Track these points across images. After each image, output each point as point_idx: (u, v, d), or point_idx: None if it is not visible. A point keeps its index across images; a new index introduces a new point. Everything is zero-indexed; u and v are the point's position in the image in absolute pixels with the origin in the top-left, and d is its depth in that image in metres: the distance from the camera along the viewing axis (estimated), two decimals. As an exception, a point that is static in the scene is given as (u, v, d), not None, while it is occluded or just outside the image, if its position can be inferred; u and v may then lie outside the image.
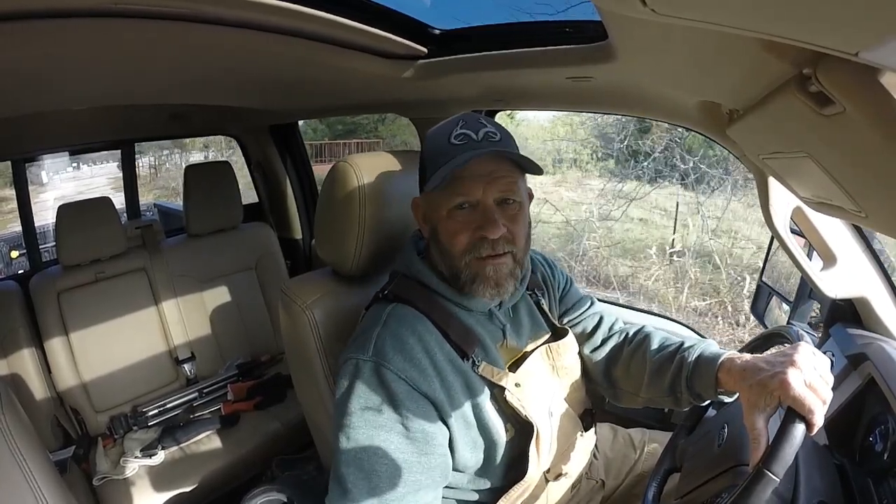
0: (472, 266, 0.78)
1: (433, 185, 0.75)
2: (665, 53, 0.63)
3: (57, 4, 0.66)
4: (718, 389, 0.76)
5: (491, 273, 0.78)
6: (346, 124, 10.07)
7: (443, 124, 0.83)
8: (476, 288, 0.79)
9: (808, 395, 0.61)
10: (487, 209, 0.77)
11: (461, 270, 0.79)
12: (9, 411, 0.86)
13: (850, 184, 0.49)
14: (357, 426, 0.71)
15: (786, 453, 0.58)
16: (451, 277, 0.81)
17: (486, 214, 0.77)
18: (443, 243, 0.80)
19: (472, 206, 0.78)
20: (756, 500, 0.57)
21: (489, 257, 0.78)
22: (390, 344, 0.75)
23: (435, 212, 0.81)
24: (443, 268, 0.82)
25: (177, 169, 9.55)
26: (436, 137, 0.82)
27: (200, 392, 1.78)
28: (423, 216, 0.86)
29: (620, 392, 0.95)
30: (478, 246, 0.77)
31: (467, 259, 0.78)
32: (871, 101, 0.36)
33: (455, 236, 0.78)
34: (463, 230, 0.78)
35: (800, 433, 0.59)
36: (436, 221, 0.81)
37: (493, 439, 0.79)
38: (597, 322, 1.00)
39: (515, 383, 0.80)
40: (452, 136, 0.78)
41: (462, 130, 0.78)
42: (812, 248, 0.98)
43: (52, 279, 1.64)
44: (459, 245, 0.78)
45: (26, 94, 1.15)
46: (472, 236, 0.77)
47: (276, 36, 0.85)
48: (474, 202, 0.78)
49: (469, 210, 0.78)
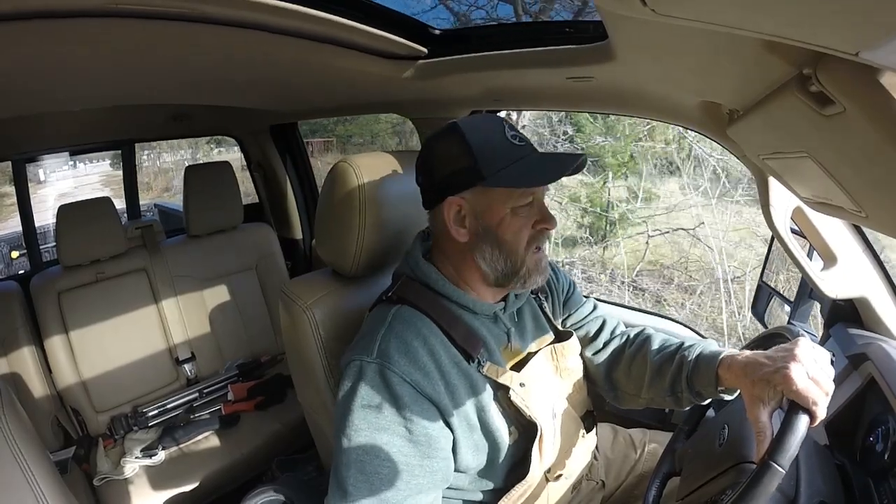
0: (530, 261, 0.81)
1: (514, 182, 0.76)
2: (665, 54, 0.62)
3: (57, 4, 0.66)
4: (719, 387, 0.77)
5: (545, 264, 0.84)
6: (310, 124, 10.21)
7: (480, 120, 0.83)
8: (532, 280, 0.82)
9: (812, 388, 0.61)
10: (543, 205, 0.82)
11: (522, 265, 0.80)
12: (9, 411, 0.86)
13: (850, 184, 0.49)
14: (359, 428, 0.71)
15: (791, 445, 0.58)
16: (503, 275, 0.81)
17: (543, 210, 0.81)
18: (506, 241, 0.79)
19: (530, 204, 0.80)
20: (763, 493, 0.57)
21: (541, 250, 0.82)
22: (395, 346, 0.75)
23: (495, 209, 0.79)
24: (496, 265, 0.80)
25: (156, 167, 9.78)
26: (484, 134, 0.79)
27: (201, 392, 1.78)
28: (466, 215, 0.80)
29: (622, 394, 0.96)
30: (538, 239, 0.81)
31: (529, 254, 0.80)
32: (871, 101, 0.36)
33: (521, 232, 0.79)
34: (527, 226, 0.80)
35: (804, 425, 0.60)
36: (495, 219, 0.79)
37: (496, 442, 0.78)
38: (599, 326, 1.00)
39: (520, 383, 0.80)
40: (507, 135, 0.79)
41: (513, 132, 0.80)
42: (812, 248, 0.98)
43: (53, 279, 1.64)
44: (524, 240, 0.80)
45: (26, 94, 1.15)
46: (534, 230, 0.80)
47: (277, 36, 0.85)
48: (535, 199, 0.81)
49: (529, 207, 0.80)
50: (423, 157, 0.83)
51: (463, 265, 0.82)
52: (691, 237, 4.98)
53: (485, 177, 0.76)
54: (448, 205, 0.80)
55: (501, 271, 0.80)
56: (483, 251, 0.80)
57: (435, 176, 0.81)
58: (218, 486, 1.56)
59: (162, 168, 10.29)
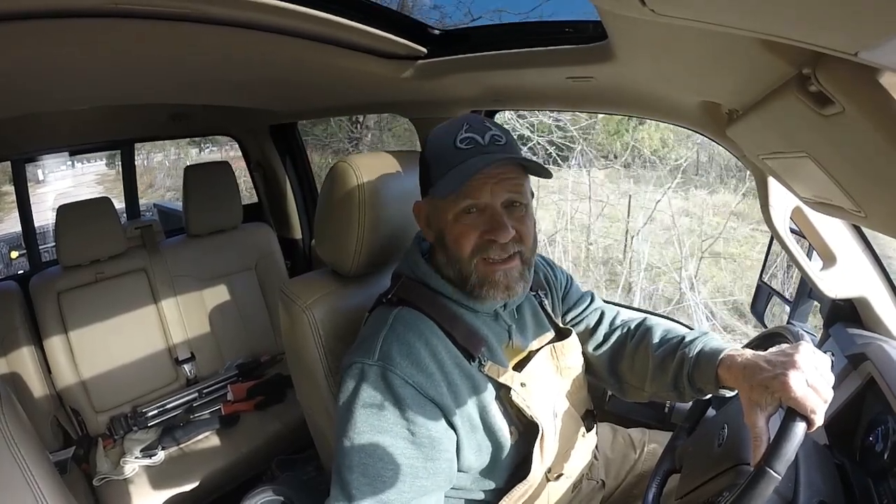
0: (480, 269, 0.78)
1: (443, 191, 0.75)
2: (665, 53, 0.63)
3: (57, 4, 0.66)
4: (719, 385, 0.77)
5: (501, 278, 0.78)
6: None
7: (446, 126, 0.81)
8: (486, 292, 0.78)
9: (810, 396, 0.61)
10: (496, 212, 0.77)
11: (470, 274, 0.78)
12: (9, 412, 0.86)
13: (849, 184, 0.49)
14: (362, 431, 0.70)
15: (787, 451, 0.58)
16: (459, 282, 0.80)
17: (494, 218, 0.76)
18: (450, 248, 0.79)
19: (480, 210, 0.77)
20: (758, 498, 0.57)
21: (499, 263, 0.77)
22: (397, 348, 0.74)
23: (441, 216, 0.79)
24: (450, 272, 0.81)
25: (143, 166, 9.87)
26: (440, 140, 0.80)
27: (200, 392, 1.78)
28: (426, 220, 0.84)
29: (626, 386, 0.95)
30: (485, 248, 0.77)
31: (475, 262, 0.78)
32: (870, 101, 0.36)
33: (462, 240, 0.77)
34: (470, 234, 0.77)
35: (801, 431, 0.60)
36: (442, 226, 0.80)
37: (498, 442, 0.78)
38: (598, 318, 1.00)
39: (521, 383, 0.80)
40: (458, 139, 0.77)
41: (467, 134, 0.77)
42: (812, 247, 0.98)
43: (52, 279, 1.64)
44: (467, 249, 0.77)
45: (26, 94, 1.15)
46: (480, 239, 0.77)
47: (276, 36, 0.85)
48: (482, 206, 0.77)
49: (476, 214, 0.77)
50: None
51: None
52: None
53: (432, 184, 0.79)
54: (416, 208, 0.86)
55: (454, 277, 0.81)
56: (439, 255, 0.83)
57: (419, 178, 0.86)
58: (218, 485, 1.56)
59: (148, 167, 10.34)
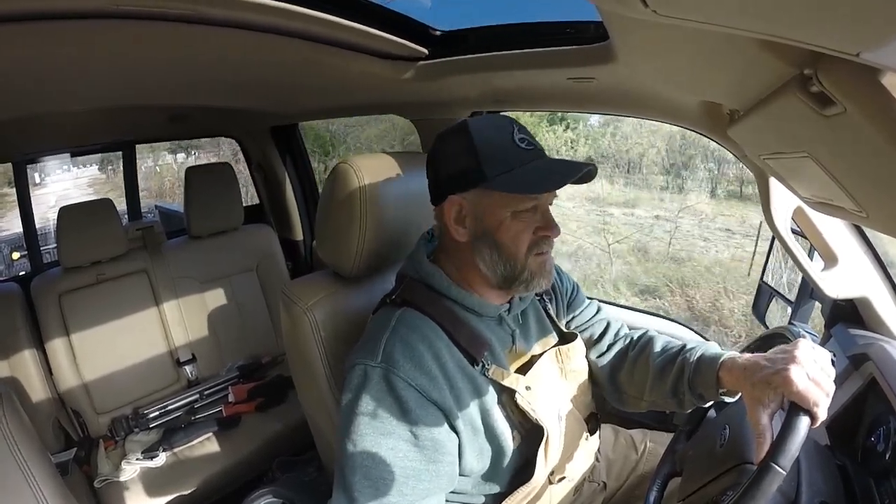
0: (532, 264, 0.79)
1: (514, 187, 0.75)
2: (666, 54, 0.62)
3: (57, 5, 0.66)
4: (720, 389, 0.77)
5: (547, 267, 0.82)
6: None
7: (490, 121, 0.82)
8: (536, 283, 0.81)
9: (812, 389, 0.61)
10: (546, 211, 0.80)
11: (523, 270, 0.79)
12: (10, 413, 0.86)
13: (850, 184, 0.49)
14: (365, 433, 0.70)
15: (791, 447, 0.58)
16: (504, 279, 0.80)
17: (546, 216, 0.80)
18: (505, 244, 0.79)
19: (533, 209, 0.79)
20: (763, 494, 0.57)
21: (544, 254, 0.81)
22: (400, 350, 0.74)
23: (495, 211, 0.78)
24: (496, 268, 0.80)
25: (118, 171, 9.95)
26: (491, 134, 0.78)
27: (201, 394, 1.78)
28: (466, 215, 0.80)
29: (625, 396, 0.95)
30: (539, 244, 0.79)
31: (529, 258, 0.79)
32: (871, 101, 0.36)
33: (522, 236, 0.78)
34: (527, 231, 0.78)
35: (804, 426, 0.60)
36: (494, 221, 0.78)
37: (500, 446, 0.78)
38: (604, 328, 1.00)
39: (526, 386, 0.80)
40: (515, 138, 0.78)
41: (521, 135, 0.79)
42: (813, 248, 0.98)
43: (53, 281, 1.64)
44: (524, 245, 0.78)
45: (27, 95, 1.15)
46: (535, 236, 0.79)
47: (277, 37, 0.85)
48: (539, 204, 0.79)
49: (532, 211, 0.79)
50: (432, 152, 0.84)
51: (466, 266, 0.82)
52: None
53: (487, 178, 0.76)
54: (450, 203, 0.80)
55: (501, 274, 0.80)
56: (482, 253, 0.79)
57: (441, 172, 0.81)
58: (219, 487, 1.56)
59: (118, 170, 10.47)
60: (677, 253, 6.48)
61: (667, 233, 6.80)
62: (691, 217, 7.06)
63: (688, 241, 6.70)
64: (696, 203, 7.27)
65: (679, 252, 6.48)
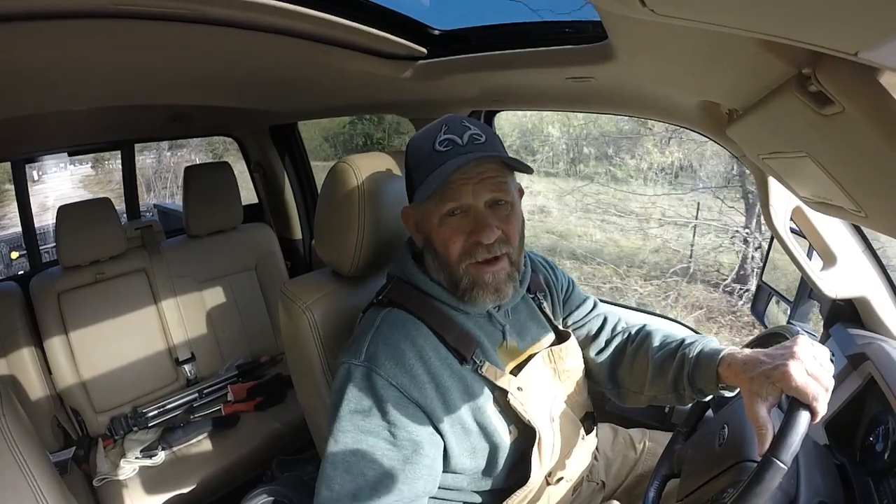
0: (470, 272, 0.77)
1: (423, 195, 0.74)
2: (665, 53, 0.63)
3: (57, 5, 0.66)
4: (720, 384, 0.77)
5: (490, 280, 0.77)
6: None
7: (426, 130, 0.81)
8: (476, 294, 0.78)
9: (811, 384, 0.62)
10: (479, 213, 0.76)
11: (460, 278, 0.78)
12: (9, 412, 0.86)
13: (849, 183, 0.49)
14: (346, 430, 0.72)
15: (792, 441, 0.58)
16: (450, 286, 0.80)
17: (478, 219, 0.76)
18: (438, 252, 0.79)
19: (464, 211, 0.77)
20: (764, 490, 0.57)
21: (486, 263, 0.77)
22: (382, 349, 0.75)
23: (426, 220, 0.80)
24: (441, 276, 0.81)
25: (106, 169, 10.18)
26: (419, 145, 0.80)
27: (200, 393, 1.78)
28: (414, 225, 0.84)
29: (625, 391, 0.95)
30: (473, 251, 0.77)
31: (464, 265, 0.77)
32: (870, 100, 0.36)
33: (449, 244, 0.77)
34: (456, 236, 0.77)
35: (805, 421, 0.60)
36: (429, 230, 0.80)
37: (495, 443, 0.78)
38: (601, 324, 1.00)
39: (518, 387, 0.80)
40: (437, 142, 0.77)
41: (446, 136, 0.77)
42: (812, 247, 0.98)
43: (52, 280, 1.64)
44: (455, 252, 0.77)
45: (27, 94, 1.15)
46: (467, 242, 0.77)
47: (277, 37, 0.85)
48: (465, 207, 0.76)
49: (461, 215, 0.77)
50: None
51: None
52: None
53: (415, 188, 0.78)
54: (405, 214, 0.86)
55: (445, 280, 0.80)
56: (429, 259, 0.82)
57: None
58: (217, 486, 1.56)
59: (108, 169, 10.52)
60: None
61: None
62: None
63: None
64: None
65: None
